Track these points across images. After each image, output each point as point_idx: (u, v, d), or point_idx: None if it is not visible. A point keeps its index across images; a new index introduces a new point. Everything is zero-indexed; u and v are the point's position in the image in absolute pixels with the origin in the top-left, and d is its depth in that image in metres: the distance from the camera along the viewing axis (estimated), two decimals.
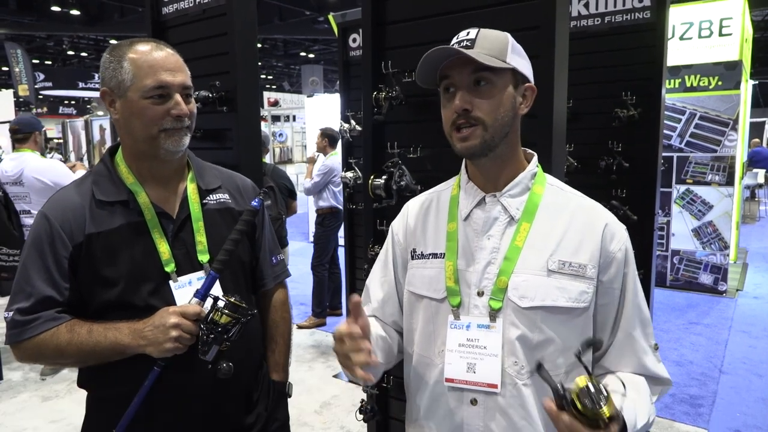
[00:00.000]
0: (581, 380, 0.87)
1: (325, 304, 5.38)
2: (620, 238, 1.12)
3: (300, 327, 5.25)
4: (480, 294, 1.11)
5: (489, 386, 1.08)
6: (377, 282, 1.32)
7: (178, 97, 1.27)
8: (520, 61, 1.13)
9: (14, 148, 4.28)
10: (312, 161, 5.57)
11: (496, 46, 1.09)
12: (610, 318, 1.12)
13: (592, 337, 0.97)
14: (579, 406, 0.86)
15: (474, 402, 1.10)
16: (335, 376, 4.18)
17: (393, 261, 1.29)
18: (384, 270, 1.31)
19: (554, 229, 1.11)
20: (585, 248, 1.09)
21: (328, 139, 5.28)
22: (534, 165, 1.19)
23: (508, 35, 1.13)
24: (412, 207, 1.30)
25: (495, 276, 1.10)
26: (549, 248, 1.10)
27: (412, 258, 1.24)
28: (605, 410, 0.86)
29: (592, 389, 0.86)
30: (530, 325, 1.08)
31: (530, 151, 1.22)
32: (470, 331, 1.11)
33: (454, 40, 1.13)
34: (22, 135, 4.17)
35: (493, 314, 1.09)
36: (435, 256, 1.19)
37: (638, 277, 1.15)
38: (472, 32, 1.11)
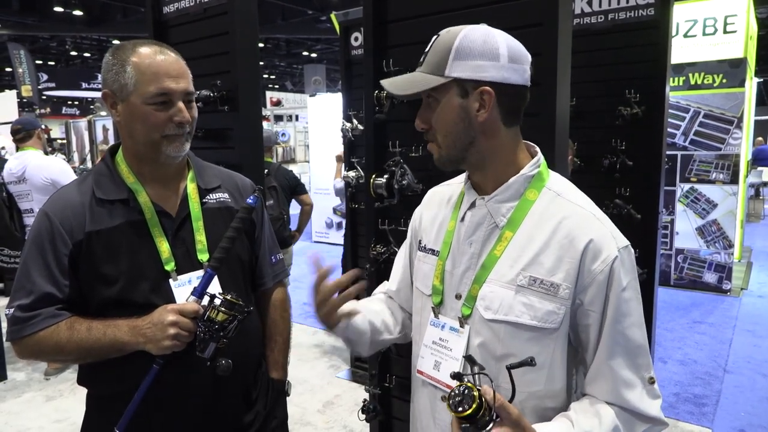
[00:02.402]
0: (460, 384, 0.92)
1: None
2: (606, 257, 1.00)
3: None
4: (458, 297, 1.13)
5: (447, 386, 1.10)
6: (397, 264, 1.39)
7: (180, 104, 1.27)
8: (468, 65, 1.02)
9: (17, 149, 4.30)
10: (340, 159, 5.51)
11: (436, 60, 1.04)
12: (592, 340, 1.04)
13: (529, 356, 0.94)
14: (447, 404, 0.91)
15: (444, 398, 1.11)
16: (338, 376, 4.17)
17: (410, 245, 1.34)
18: (404, 253, 1.37)
19: (534, 242, 1.04)
20: (562, 266, 1.02)
21: None
22: (532, 167, 1.10)
23: (457, 37, 1.03)
24: (429, 197, 1.32)
25: (471, 282, 1.10)
26: (523, 262, 1.04)
27: (418, 248, 1.26)
28: (459, 415, 0.89)
29: (459, 397, 0.90)
30: (492, 338, 1.06)
31: (535, 149, 1.14)
32: (444, 331, 1.14)
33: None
34: (25, 133, 4.20)
35: (462, 320, 1.10)
36: (432, 252, 1.20)
37: (633, 301, 1.03)
38: (432, 40, 1.08)
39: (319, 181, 9.33)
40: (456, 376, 0.94)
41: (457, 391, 0.91)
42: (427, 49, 1.08)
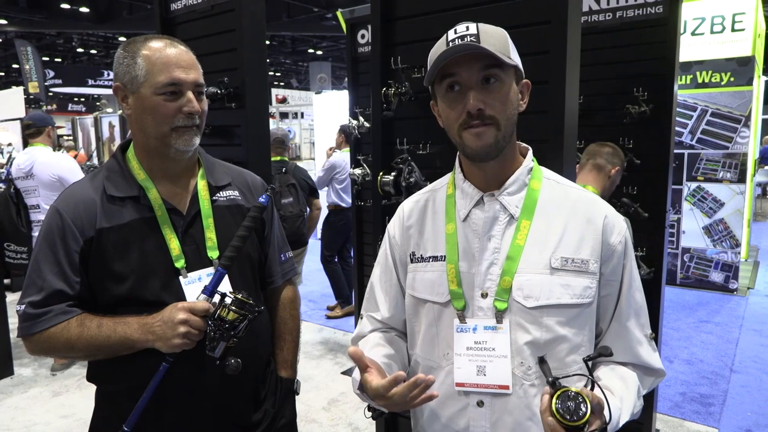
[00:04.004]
0: (563, 390, 0.92)
1: (346, 293, 5.43)
2: (620, 229, 1.12)
3: (330, 317, 5.50)
4: (484, 296, 1.10)
5: (500, 388, 1.08)
6: (382, 289, 1.29)
7: (190, 94, 1.27)
8: (517, 57, 1.10)
9: (28, 144, 4.34)
10: (328, 155, 5.57)
11: (499, 42, 1.05)
12: (610, 308, 1.13)
13: (604, 346, 1.00)
14: (554, 410, 0.90)
15: (480, 404, 1.10)
16: (343, 373, 4.18)
17: (394, 264, 1.27)
18: (388, 275, 1.28)
19: (555, 225, 1.10)
20: (586, 243, 1.09)
21: (344, 135, 5.32)
22: (529, 160, 1.17)
23: (504, 30, 1.10)
24: (407, 208, 1.27)
25: (498, 277, 1.09)
26: (551, 245, 1.08)
27: (411, 261, 1.21)
28: (577, 424, 0.89)
29: (570, 403, 0.90)
30: (537, 325, 1.07)
31: (524, 145, 1.20)
32: (477, 333, 1.10)
33: (452, 34, 1.07)
34: (35, 129, 4.24)
35: (499, 315, 1.09)
36: (435, 258, 1.16)
37: (636, 266, 1.15)
38: (472, 27, 1.06)
39: None
40: (552, 384, 0.95)
41: (567, 399, 0.90)
42: (471, 31, 1.05)
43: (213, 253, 1.33)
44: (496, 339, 1.08)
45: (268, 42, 19.24)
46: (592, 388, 0.93)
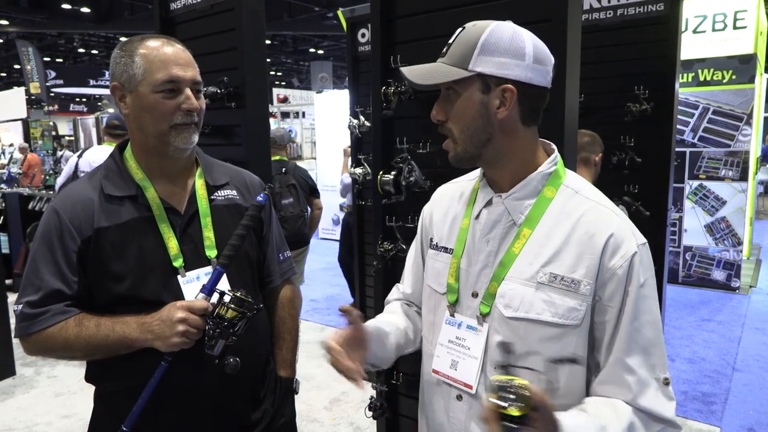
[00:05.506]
0: (498, 378, 0.88)
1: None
2: (625, 252, 1.00)
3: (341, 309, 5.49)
4: (474, 295, 1.11)
5: (465, 386, 1.10)
6: (410, 264, 1.36)
7: (188, 91, 1.28)
8: (492, 61, 1.00)
9: (102, 141, 4.30)
10: (347, 154, 5.51)
11: (460, 52, 1.02)
12: (607, 338, 1.02)
13: (506, 343, 0.98)
14: (492, 397, 0.86)
15: (459, 398, 1.12)
16: None
17: (421, 245, 1.31)
18: (415, 253, 1.34)
19: (554, 239, 1.04)
20: (583, 262, 1.01)
21: None
22: (549, 164, 1.09)
23: (485, 32, 1.02)
24: (439, 194, 1.30)
25: (489, 280, 1.09)
26: (543, 258, 1.03)
27: (429, 246, 1.25)
28: (513, 410, 0.84)
29: (509, 387, 0.85)
30: (512, 335, 1.05)
31: (552, 146, 1.13)
32: (460, 329, 1.13)
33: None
34: (122, 131, 4.19)
35: (481, 318, 1.09)
36: (446, 250, 1.19)
37: (650, 299, 1.02)
38: (457, 32, 1.06)
39: (325, 178, 9.33)
40: (503, 367, 0.93)
41: (508, 387, 0.85)
42: (451, 41, 1.06)
43: (211, 252, 1.33)
44: (474, 340, 1.10)
45: (269, 41, 19.27)
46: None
